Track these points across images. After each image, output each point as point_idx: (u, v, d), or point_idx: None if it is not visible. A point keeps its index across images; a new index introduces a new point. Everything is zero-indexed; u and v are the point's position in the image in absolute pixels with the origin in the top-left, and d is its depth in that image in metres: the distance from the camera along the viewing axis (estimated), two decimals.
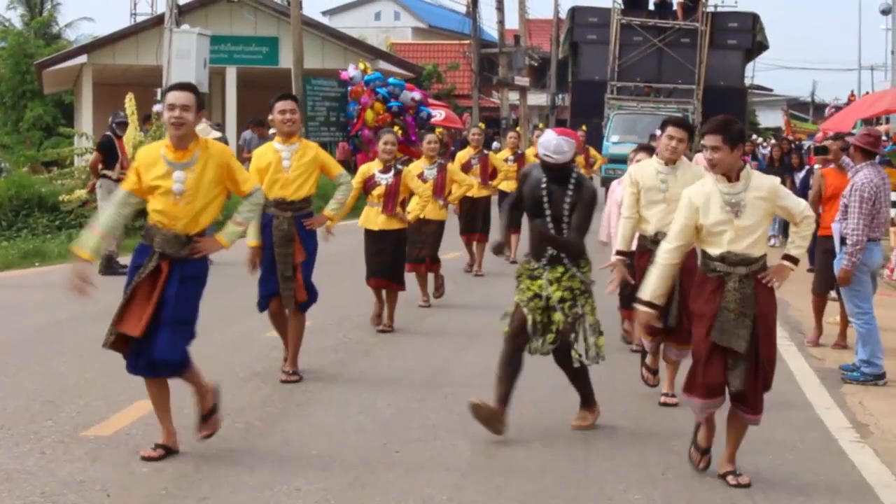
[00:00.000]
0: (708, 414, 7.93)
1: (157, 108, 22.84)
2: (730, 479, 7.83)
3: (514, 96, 58.34)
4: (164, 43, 32.06)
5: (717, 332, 7.69)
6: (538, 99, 63.34)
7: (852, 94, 44.67)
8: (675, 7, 43.54)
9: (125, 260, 18.01)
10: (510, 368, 9.04)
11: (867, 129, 13.28)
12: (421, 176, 14.74)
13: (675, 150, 9.91)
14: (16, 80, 50.39)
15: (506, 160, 20.05)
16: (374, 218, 13.17)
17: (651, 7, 43.86)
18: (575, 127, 29.45)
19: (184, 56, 31.24)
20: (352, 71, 34.94)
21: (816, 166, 18.12)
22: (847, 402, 10.58)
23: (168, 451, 8.11)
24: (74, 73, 44.66)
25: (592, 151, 26.01)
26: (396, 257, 13.27)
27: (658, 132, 12.13)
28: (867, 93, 45.66)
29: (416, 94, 33.68)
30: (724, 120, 7.94)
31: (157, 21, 38.84)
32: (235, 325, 13.21)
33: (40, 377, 10.52)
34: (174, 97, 8.01)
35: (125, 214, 8.26)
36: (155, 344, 7.92)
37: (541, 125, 25.09)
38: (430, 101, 35.90)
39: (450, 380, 10.85)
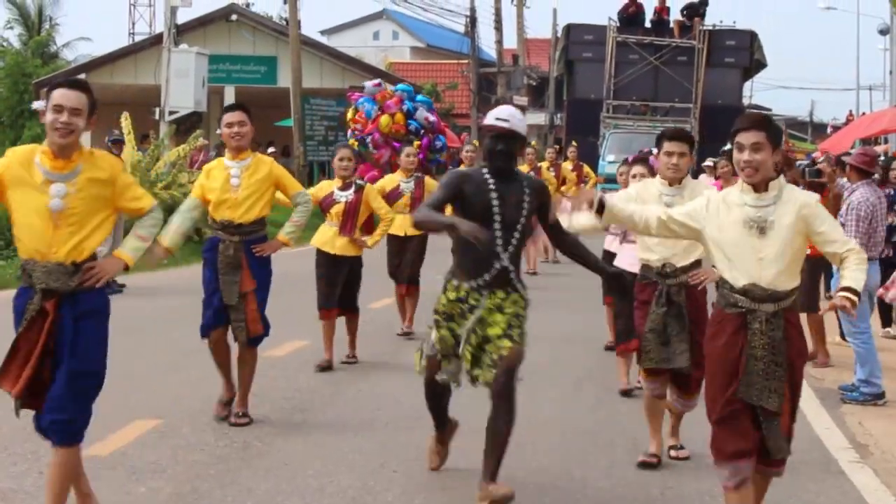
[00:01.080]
0: (742, 479, 6.42)
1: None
2: None
3: None
4: (163, 62, 32.19)
5: (744, 387, 6.34)
6: (536, 118, 63.31)
7: (850, 114, 44.85)
8: (671, 25, 43.08)
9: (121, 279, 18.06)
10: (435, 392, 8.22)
11: (863, 149, 13.37)
12: (397, 190, 14.06)
13: (677, 168, 8.53)
14: (14, 100, 50.38)
15: None
16: (331, 239, 12.17)
17: (647, 25, 43.39)
18: (567, 146, 29.40)
19: (182, 75, 31.36)
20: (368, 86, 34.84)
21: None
22: (846, 421, 10.56)
23: None
24: None
25: (586, 169, 25.85)
26: (352, 284, 12.32)
27: (654, 150, 11.84)
28: (864, 113, 45.75)
29: (431, 116, 33.67)
30: (764, 116, 6.76)
31: (156, 40, 38.96)
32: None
33: None
34: (62, 96, 6.47)
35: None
36: (47, 400, 6.63)
37: (534, 143, 24.73)
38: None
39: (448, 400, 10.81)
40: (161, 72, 32.46)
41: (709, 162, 24.17)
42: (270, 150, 40.90)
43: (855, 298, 6.25)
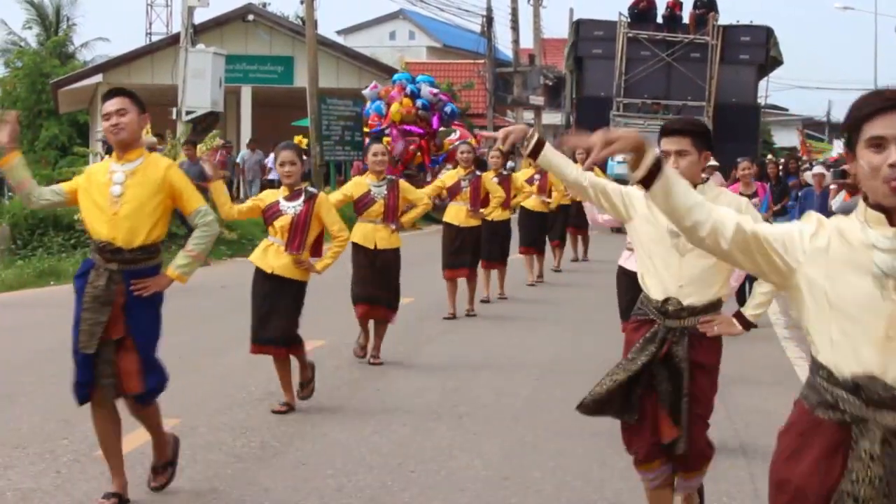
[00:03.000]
0: None
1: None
2: None
3: (528, 115, 58.36)
4: (180, 62, 32.20)
5: None
6: (553, 118, 63.28)
7: None
8: (685, 20, 41.49)
9: None
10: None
11: None
12: (367, 196, 12.38)
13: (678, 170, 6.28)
14: (31, 100, 50.57)
15: (528, 180, 18.98)
16: (272, 257, 10.11)
17: (659, 20, 41.90)
18: None
19: (199, 75, 31.37)
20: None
21: (836, 188, 18.04)
22: None
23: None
24: (90, 93, 44.83)
25: (597, 170, 25.14)
26: (291, 313, 10.14)
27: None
28: None
29: (434, 89, 33.67)
30: None
31: (173, 41, 39.00)
32: (249, 345, 13.19)
33: (55, 396, 10.51)
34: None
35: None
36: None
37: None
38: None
39: (464, 399, 10.84)
40: (178, 72, 32.48)
41: (713, 161, 23.58)
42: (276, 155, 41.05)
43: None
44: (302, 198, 10.11)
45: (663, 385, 6.36)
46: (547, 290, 19.64)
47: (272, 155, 40.11)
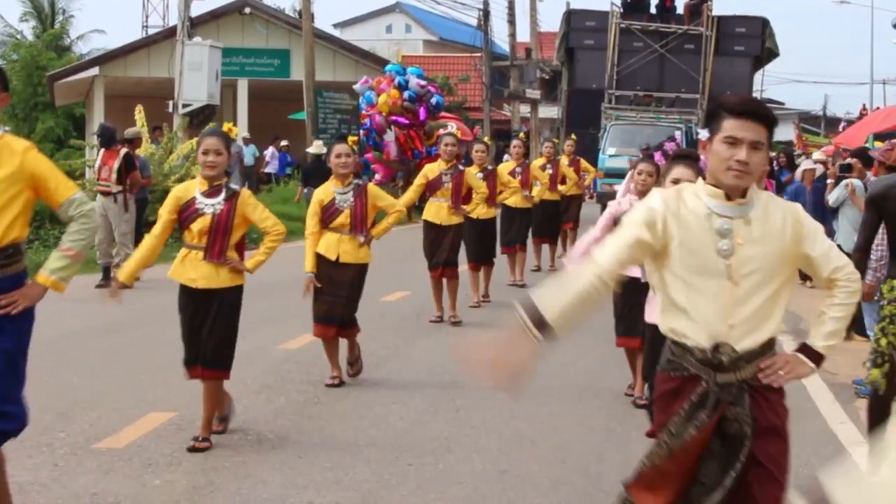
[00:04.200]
0: None
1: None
2: None
3: (525, 109, 58.34)
4: (176, 55, 32.22)
5: None
6: (549, 111, 63.30)
7: (864, 108, 44.51)
8: (679, 11, 40.42)
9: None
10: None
11: (892, 144, 13.17)
12: (331, 205, 11.05)
13: (746, 169, 4.75)
14: (28, 93, 50.50)
15: (510, 173, 18.12)
16: (193, 268, 8.69)
17: (652, 10, 40.78)
18: (566, 139, 26.75)
19: (195, 68, 31.39)
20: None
21: (833, 182, 18.00)
22: (861, 416, 10.54)
23: None
24: (86, 86, 44.81)
25: (584, 164, 23.66)
26: (227, 331, 8.79)
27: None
28: (878, 107, 45.60)
29: (422, 81, 33.69)
30: None
31: (169, 33, 39.01)
32: (246, 337, 13.18)
33: (53, 389, 10.52)
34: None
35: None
36: None
37: (522, 134, 23.38)
38: (442, 113, 35.73)
39: (461, 393, 10.83)
40: (174, 65, 32.48)
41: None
42: (283, 143, 41.05)
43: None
44: (223, 195, 8.66)
45: (710, 466, 4.84)
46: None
47: (270, 148, 40.46)
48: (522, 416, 9.97)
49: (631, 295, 8.77)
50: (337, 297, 11.01)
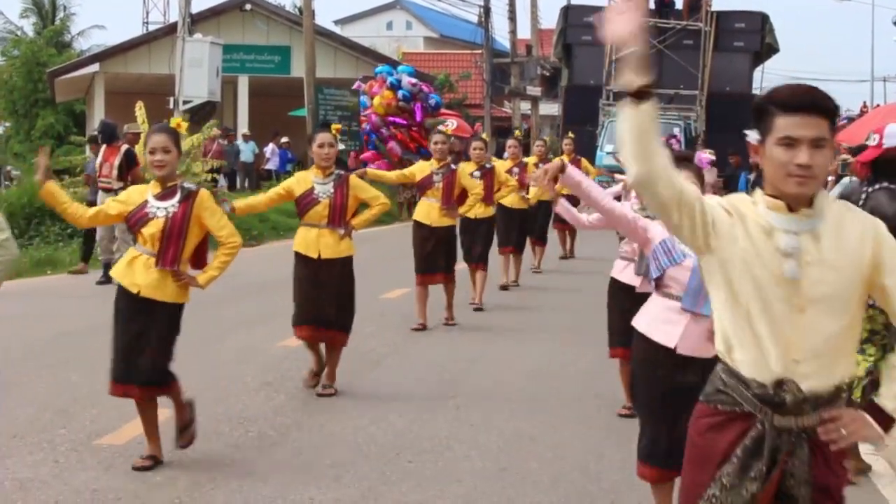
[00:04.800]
0: None
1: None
2: None
3: (525, 106, 58.33)
4: (177, 52, 32.21)
5: None
6: (550, 109, 63.30)
7: (865, 106, 44.43)
8: (678, 6, 40.24)
9: None
10: None
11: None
12: (309, 195, 10.40)
13: (810, 173, 4.00)
14: (28, 89, 50.53)
15: (509, 171, 17.28)
16: (140, 273, 8.01)
17: (651, 6, 40.04)
18: (563, 136, 25.97)
19: (196, 65, 31.38)
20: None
21: (833, 180, 17.98)
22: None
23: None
24: (86, 82, 44.82)
25: (585, 163, 22.77)
26: (163, 346, 8.10)
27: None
28: (878, 105, 45.56)
29: (413, 80, 33.68)
30: None
31: (170, 30, 39.01)
32: (246, 334, 13.22)
33: (53, 386, 10.54)
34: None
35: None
36: None
37: (517, 132, 22.92)
38: (443, 110, 35.75)
39: (461, 391, 10.85)
40: (175, 61, 32.47)
41: (709, 154, 22.83)
42: (284, 139, 41.03)
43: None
44: (177, 196, 7.99)
45: None
46: (529, 293, 19.60)
47: (271, 145, 40.43)
48: (522, 414, 9.98)
49: (626, 303, 8.69)
50: (325, 296, 10.34)
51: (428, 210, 14.12)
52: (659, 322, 6.52)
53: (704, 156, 6.81)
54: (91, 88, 44.82)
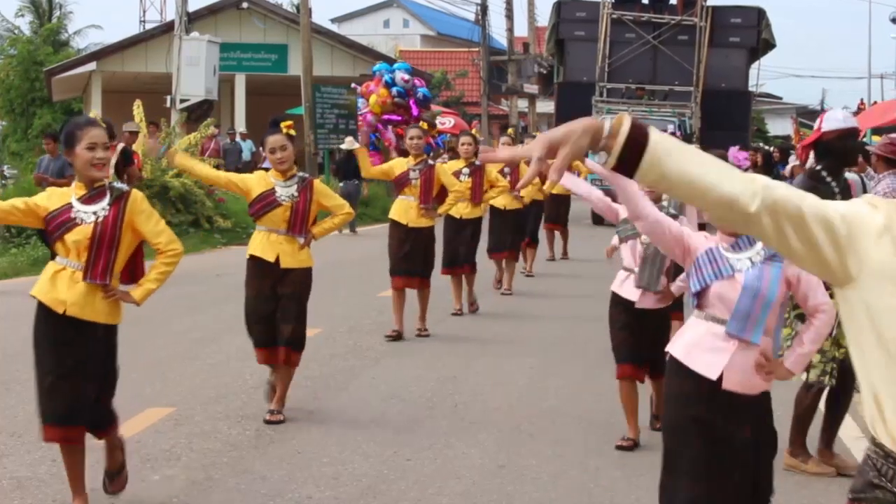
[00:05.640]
0: None
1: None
2: None
3: (523, 104, 58.35)
4: (174, 50, 32.20)
5: None
6: (547, 106, 63.33)
7: (862, 103, 44.42)
8: (672, 1, 38.83)
9: None
10: None
11: (890, 138, 13.10)
12: (270, 195, 9.45)
13: None
14: (25, 88, 50.47)
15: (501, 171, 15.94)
16: (64, 289, 6.91)
17: (645, 1, 39.19)
18: None
19: (193, 63, 31.37)
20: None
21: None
22: (858, 410, 10.53)
23: None
24: (83, 81, 44.79)
25: (575, 161, 22.84)
26: (98, 375, 6.99)
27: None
28: (876, 102, 45.59)
29: (406, 75, 33.66)
30: None
31: (167, 28, 38.98)
32: (244, 333, 13.18)
33: None
34: None
35: None
36: None
37: (510, 130, 22.38)
38: (442, 109, 35.71)
39: (460, 388, 10.84)
40: (172, 60, 32.46)
41: None
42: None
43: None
44: (107, 198, 6.90)
45: None
46: (523, 296, 19.56)
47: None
48: (521, 411, 9.97)
49: (626, 318, 8.53)
50: (285, 311, 9.39)
51: (405, 209, 13.31)
52: (699, 349, 5.62)
53: (738, 153, 5.75)
54: (88, 87, 44.78)
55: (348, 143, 14.82)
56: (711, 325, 5.63)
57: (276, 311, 9.42)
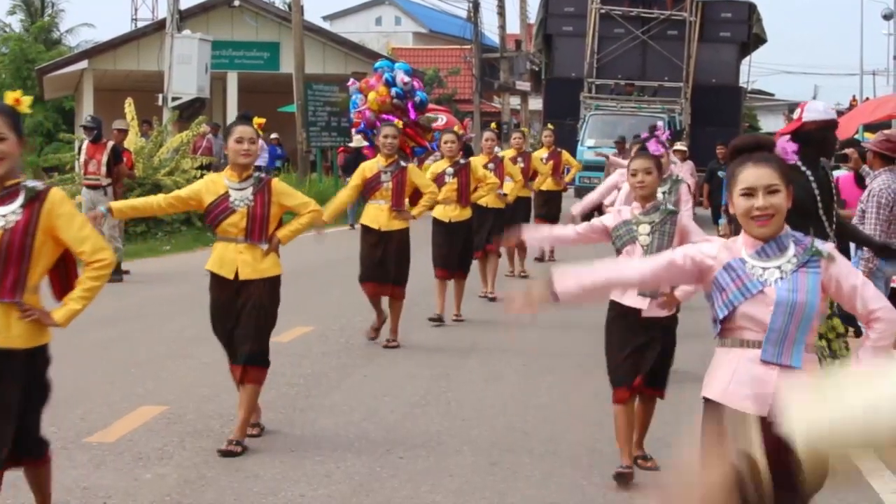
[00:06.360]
0: None
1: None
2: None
3: (515, 101, 58.38)
4: (166, 48, 32.21)
5: None
6: (540, 103, 63.43)
7: (854, 99, 44.39)
8: None
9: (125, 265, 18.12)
10: None
11: (886, 135, 13.08)
12: (223, 202, 8.44)
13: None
14: (16, 86, 50.24)
15: (499, 161, 16.27)
16: None
17: None
18: (544, 129, 24.32)
19: (185, 61, 31.38)
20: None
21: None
22: None
23: None
24: (75, 79, 44.73)
25: (566, 156, 21.41)
26: (14, 409, 6.04)
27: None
28: (868, 98, 45.61)
29: (406, 77, 33.60)
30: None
31: (159, 26, 38.97)
32: None
33: None
34: None
35: None
36: None
37: (493, 125, 21.66)
38: (431, 105, 35.64)
39: (452, 386, 10.84)
40: (164, 58, 32.46)
41: (680, 146, 22.22)
42: (273, 135, 40.97)
43: None
44: (19, 200, 5.86)
45: None
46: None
47: (259, 141, 40.39)
48: (514, 408, 9.97)
49: (630, 333, 7.80)
50: (243, 327, 8.48)
51: (376, 214, 12.49)
52: (739, 384, 4.76)
53: (787, 143, 5.18)
54: (79, 85, 44.71)
55: (357, 141, 14.66)
56: (743, 352, 4.78)
57: (237, 327, 8.50)
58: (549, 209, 20.34)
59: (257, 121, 8.84)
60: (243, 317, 8.45)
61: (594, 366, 11.56)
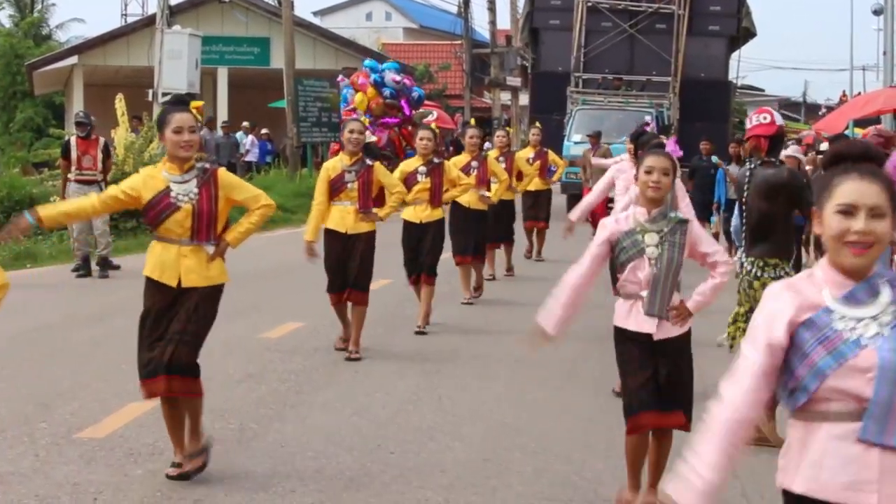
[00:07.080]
0: None
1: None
2: None
3: (505, 97, 58.35)
4: (156, 44, 32.13)
5: None
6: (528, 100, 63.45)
7: (844, 95, 44.45)
8: None
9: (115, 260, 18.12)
10: None
11: (878, 130, 13.08)
12: (165, 196, 7.57)
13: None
14: (6, 81, 50.36)
15: (464, 168, 14.78)
16: None
17: None
18: (530, 124, 24.17)
19: (175, 57, 31.31)
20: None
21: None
22: None
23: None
24: (65, 74, 44.68)
25: (552, 156, 20.99)
26: None
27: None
28: (859, 93, 45.67)
29: (397, 76, 33.54)
30: None
31: (149, 22, 38.89)
32: (227, 327, 13.14)
33: (34, 379, 10.49)
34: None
35: None
36: None
37: (471, 121, 21.41)
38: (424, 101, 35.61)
39: (444, 382, 10.83)
40: (154, 53, 32.40)
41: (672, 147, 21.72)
42: (264, 131, 40.93)
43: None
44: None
45: None
46: (510, 287, 19.51)
47: (250, 136, 40.33)
48: (505, 404, 9.97)
49: (641, 354, 6.99)
50: (178, 334, 7.63)
51: (341, 216, 11.67)
52: (832, 471, 3.67)
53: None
54: (70, 81, 44.67)
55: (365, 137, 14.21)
56: (831, 428, 3.69)
57: (171, 334, 7.65)
58: (539, 211, 20.17)
59: (195, 104, 7.87)
60: (177, 323, 7.62)
61: (587, 362, 11.60)
